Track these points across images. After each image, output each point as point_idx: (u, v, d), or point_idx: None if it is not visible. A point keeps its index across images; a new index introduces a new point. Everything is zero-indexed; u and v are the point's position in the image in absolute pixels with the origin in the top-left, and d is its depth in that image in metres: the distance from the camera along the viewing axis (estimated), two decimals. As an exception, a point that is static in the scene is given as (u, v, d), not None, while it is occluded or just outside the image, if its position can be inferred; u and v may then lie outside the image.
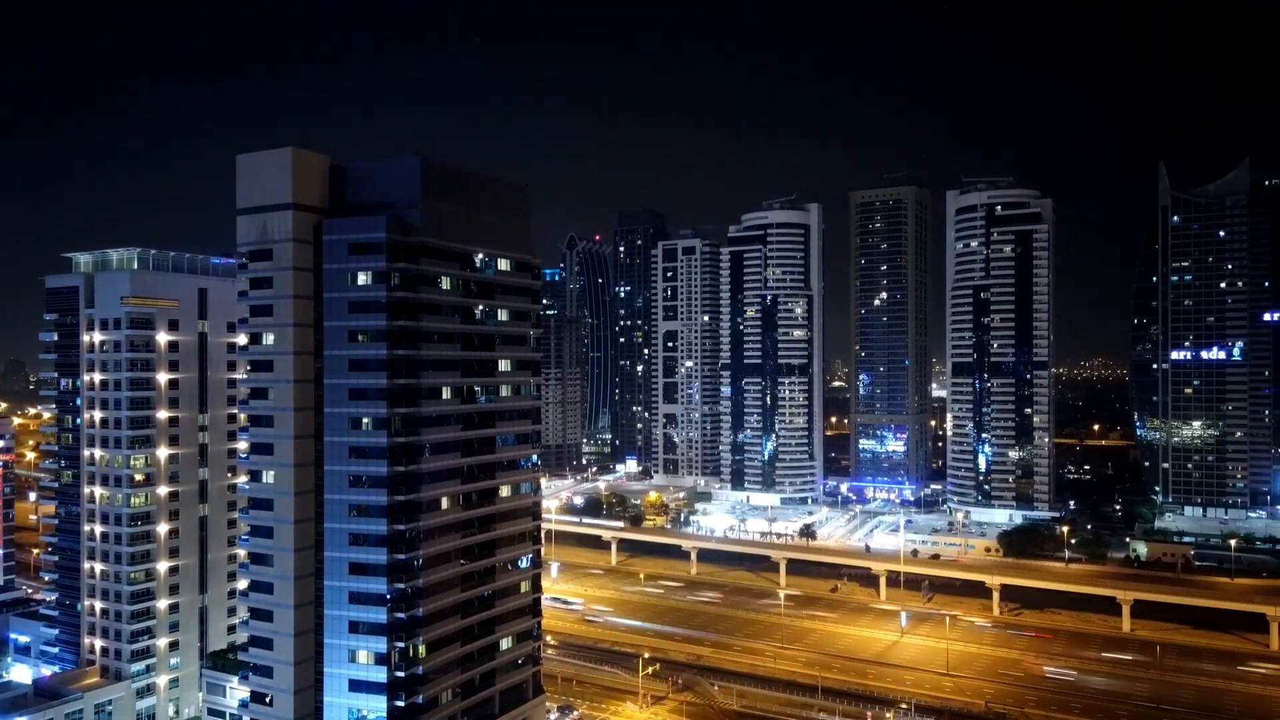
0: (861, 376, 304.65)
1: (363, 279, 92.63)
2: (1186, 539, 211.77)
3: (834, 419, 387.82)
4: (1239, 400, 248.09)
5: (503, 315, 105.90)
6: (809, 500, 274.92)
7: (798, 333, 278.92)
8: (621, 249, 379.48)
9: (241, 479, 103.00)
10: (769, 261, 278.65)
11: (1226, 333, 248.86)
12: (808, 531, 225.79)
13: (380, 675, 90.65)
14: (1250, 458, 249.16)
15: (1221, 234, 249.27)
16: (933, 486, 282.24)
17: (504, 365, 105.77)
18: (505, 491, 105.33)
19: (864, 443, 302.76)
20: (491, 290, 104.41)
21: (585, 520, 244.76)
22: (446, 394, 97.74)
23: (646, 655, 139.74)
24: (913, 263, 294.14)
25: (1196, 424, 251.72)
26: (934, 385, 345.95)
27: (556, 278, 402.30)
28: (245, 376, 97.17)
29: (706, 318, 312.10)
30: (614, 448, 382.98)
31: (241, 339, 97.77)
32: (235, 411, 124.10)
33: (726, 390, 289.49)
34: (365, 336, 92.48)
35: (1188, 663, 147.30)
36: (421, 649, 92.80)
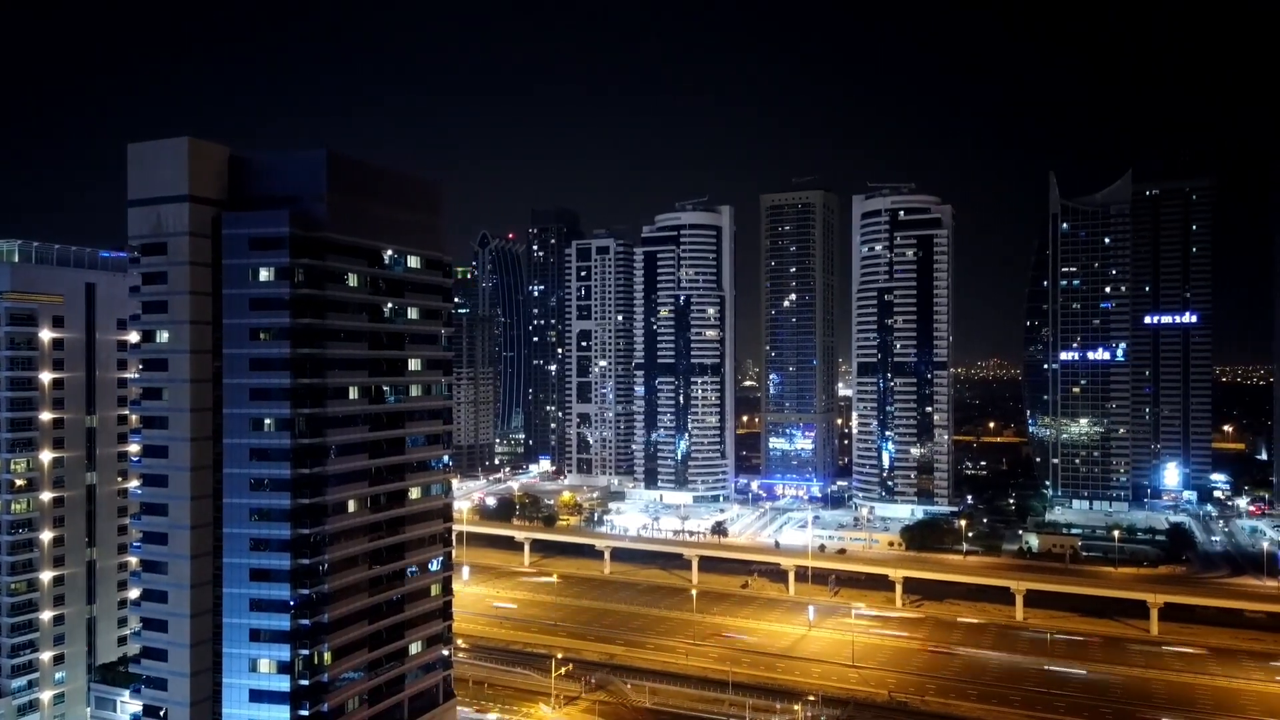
0: (772, 376, 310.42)
1: (265, 275, 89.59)
2: (1074, 531, 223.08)
3: (745, 418, 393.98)
4: (1122, 399, 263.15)
5: (413, 313, 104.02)
6: (721, 498, 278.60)
7: (710, 333, 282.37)
8: (535, 247, 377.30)
9: (133, 483, 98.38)
10: (682, 262, 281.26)
11: (1111, 335, 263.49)
12: (719, 529, 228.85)
13: (283, 684, 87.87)
14: (1132, 453, 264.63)
15: (1106, 241, 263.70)
16: (840, 483, 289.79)
17: (414, 364, 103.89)
18: (415, 493, 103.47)
19: (774, 441, 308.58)
20: (401, 288, 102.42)
21: (498, 521, 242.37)
22: (354, 394, 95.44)
23: (559, 656, 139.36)
24: (820, 265, 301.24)
25: (1083, 421, 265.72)
26: (841, 385, 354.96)
27: (469, 276, 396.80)
28: (137, 376, 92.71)
29: (620, 317, 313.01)
30: (527, 448, 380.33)
31: (133, 336, 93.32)
32: (126, 413, 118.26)
33: (640, 390, 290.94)
34: (267, 335, 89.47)
35: (1076, 648, 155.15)
36: (327, 656, 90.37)
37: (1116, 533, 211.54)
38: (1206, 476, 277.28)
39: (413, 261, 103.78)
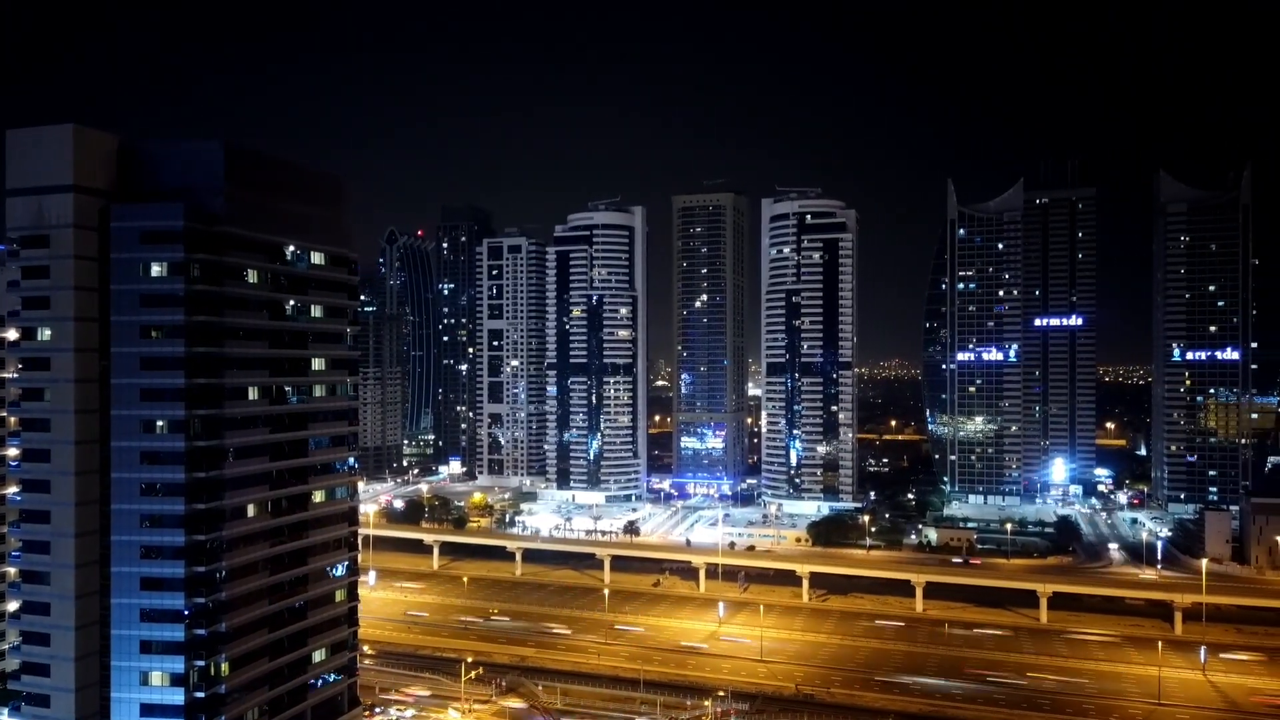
0: (684, 376, 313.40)
1: (157, 270, 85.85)
2: (970, 524, 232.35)
3: (658, 417, 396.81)
4: (1014, 398, 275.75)
5: (316, 311, 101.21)
6: (633, 497, 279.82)
7: (623, 333, 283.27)
8: (445, 245, 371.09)
9: (11, 489, 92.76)
10: (595, 262, 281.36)
11: (1004, 337, 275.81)
12: (632, 528, 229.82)
13: (177, 697, 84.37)
14: (1023, 450, 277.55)
15: (1000, 246, 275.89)
16: (749, 481, 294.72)
17: (318, 364, 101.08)
18: (319, 496, 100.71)
19: (686, 440, 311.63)
20: (304, 285, 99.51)
21: (406, 525, 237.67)
22: (253, 394, 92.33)
23: (469, 660, 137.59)
24: (731, 266, 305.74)
25: (978, 419, 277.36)
26: (751, 384, 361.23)
27: (376, 273, 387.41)
28: (16, 376, 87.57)
29: (533, 317, 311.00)
30: (437, 449, 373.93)
31: (12, 334, 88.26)
32: (4, 415, 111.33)
33: (552, 390, 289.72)
34: (160, 333, 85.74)
35: (972, 637, 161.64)
36: (224, 667, 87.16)
37: (1009, 526, 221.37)
38: (1091, 471, 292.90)
39: (316, 258, 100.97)
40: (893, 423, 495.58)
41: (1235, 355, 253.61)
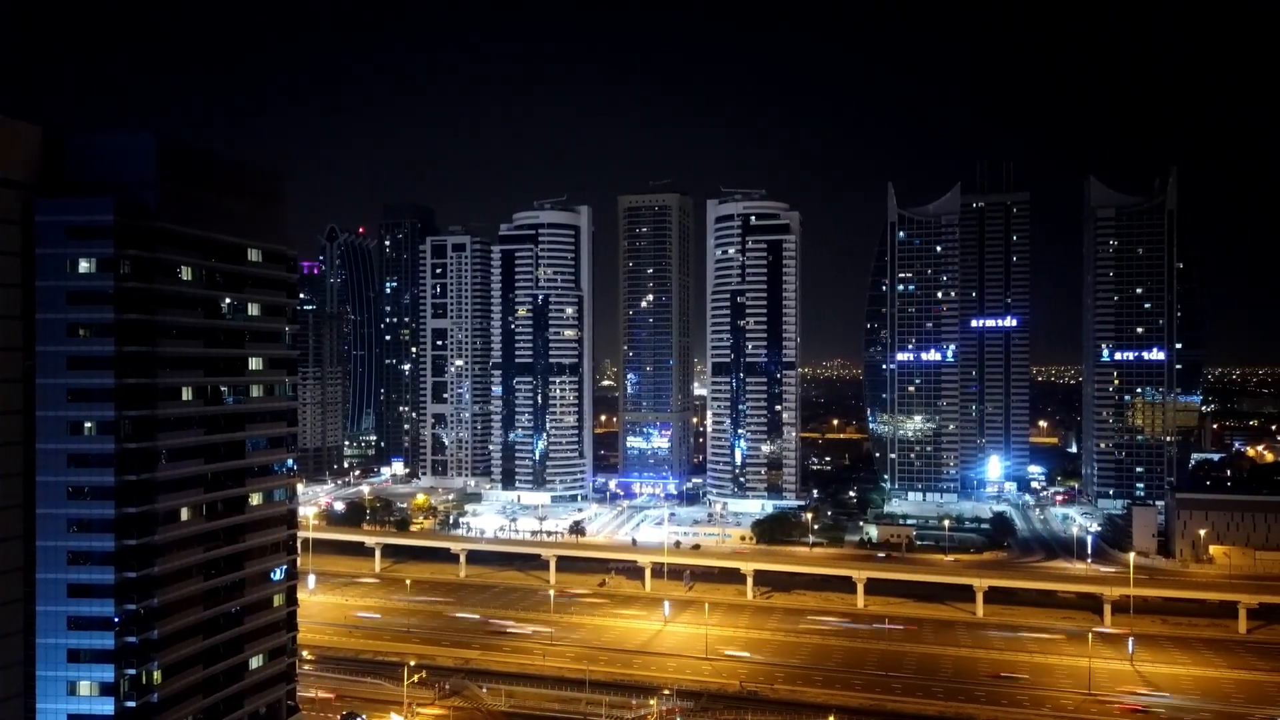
0: (629, 376, 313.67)
1: (85, 266, 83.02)
2: (910, 521, 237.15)
3: (603, 417, 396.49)
4: (952, 397, 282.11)
5: (254, 310, 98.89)
6: (579, 497, 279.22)
7: (569, 332, 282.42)
8: (388, 243, 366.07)
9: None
10: (540, 261, 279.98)
11: (942, 337, 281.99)
12: (577, 528, 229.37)
13: (107, 707, 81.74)
14: (960, 448, 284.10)
15: (938, 249, 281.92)
16: (695, 480, 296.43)
17: (255, 363, 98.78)
18: (256, 499, 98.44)
19: (632, 440, 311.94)
20: (241, 283, 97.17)
21: (347, 527, 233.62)
22: (188, 395, 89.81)
23: (412, 663, 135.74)
24: (677, 267, 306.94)
25: (917, 418, 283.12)
26: (696, 384, 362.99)
27: (315, 271, 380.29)
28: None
29: (477, 316, 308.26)
30: (379, 450, 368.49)
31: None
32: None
33: (497, 390, 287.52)
34: (88, 331, 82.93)
35: (911, 632, 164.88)
36: (156, 675, 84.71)
37: (947, 522, 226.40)
38: (1025, 468, 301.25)
39: (253, 254, 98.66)
40: (835, 422, 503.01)
41: (1161, 356, 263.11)
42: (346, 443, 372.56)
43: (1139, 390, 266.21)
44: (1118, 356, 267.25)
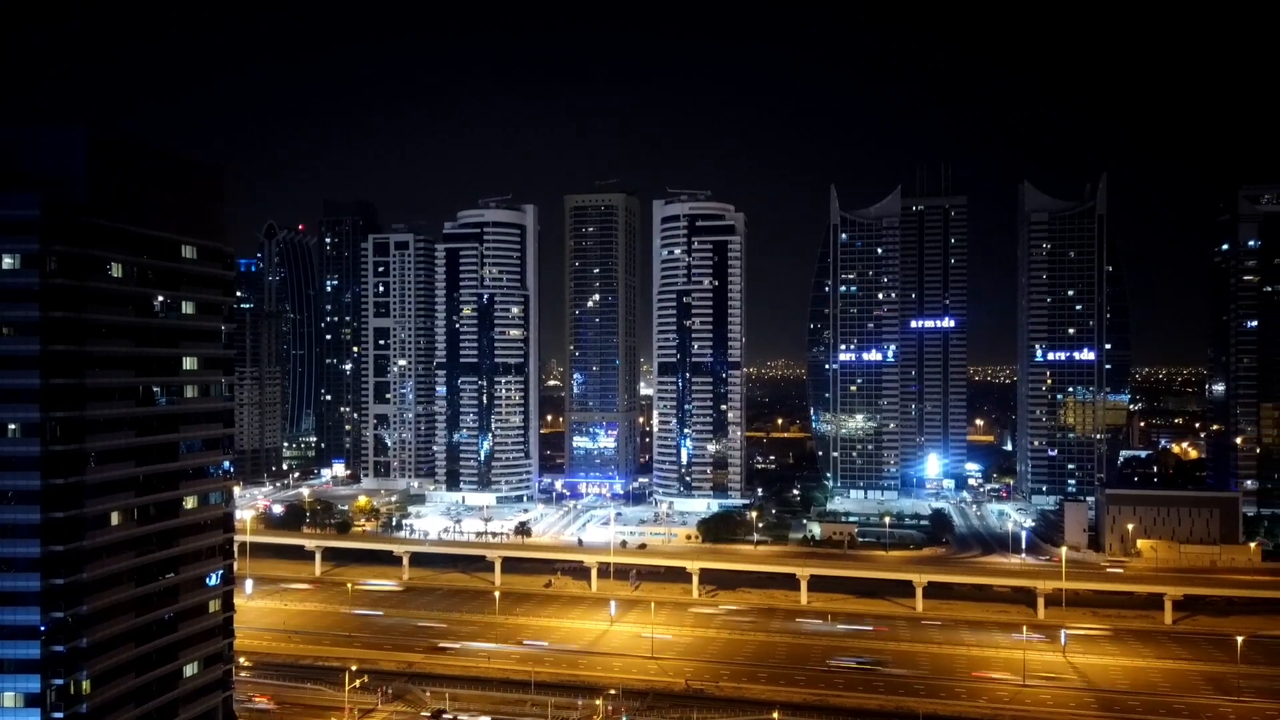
0: (576, 375, 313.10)
1: (9, 263, 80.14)
2: (852, 519, 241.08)
3: (549, 417, 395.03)
4: (892, 396, 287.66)
5: (188, 308, 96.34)
6: (525, 498, 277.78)
7: (514, 332, 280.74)
8: (328, 241, 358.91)
9: None
10: (485, 260, 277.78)
11: (883, 337, 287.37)
12: (523, 529, 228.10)
13: (33, 719, 78.70)
14: (900, 446, 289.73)
15: (879, 251, 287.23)
16: (641, 480, 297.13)
17: (189, 363, 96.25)
18: (190, 503, 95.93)
19: (578, 440, 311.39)
20: (175, 280, 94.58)
21: (286, 530, 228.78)
22: (118, 396, 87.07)
23: (354, 668, 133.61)
24: (623, 267, 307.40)
25: (859, 417, 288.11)
26: (642, 384, 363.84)
27: (253, 268, 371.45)
28: None
29: (421, 315, 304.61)
30: (319, 451, 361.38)
31: None
32: None
33: (442, 390, 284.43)
34: (12, 330, 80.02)
35: (854, 627, 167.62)
36: (85, 685, 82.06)
37: (887, 519, 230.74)
38: (962, 466, 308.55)
39: (188, 251, 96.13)
40: (779, 421, 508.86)
41: (1091, 356, 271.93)
42: (285, 444, 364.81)
43: (1070, 389, 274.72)
44: (1050, 357, 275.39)
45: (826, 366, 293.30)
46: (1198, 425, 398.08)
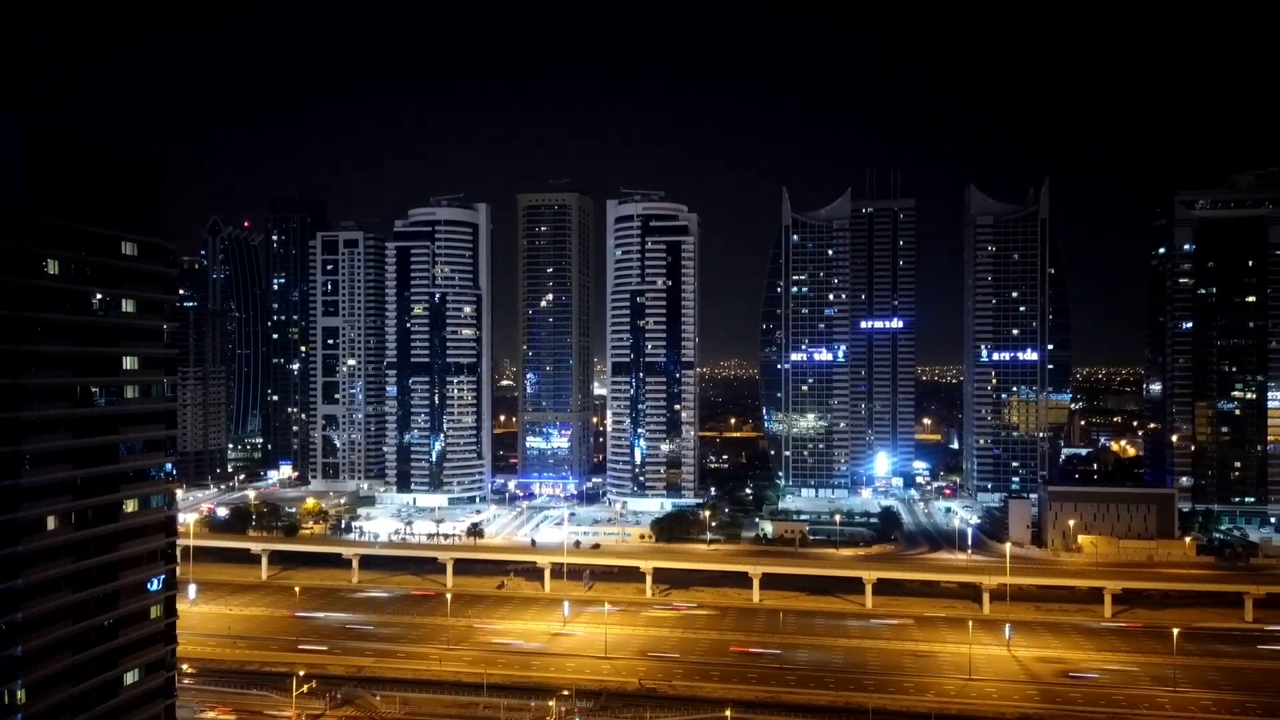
0: (529, 375, 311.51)
1: (-62, 258, 76.92)
2: (803, 517, 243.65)
3: (502, 417, 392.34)
4: (842, 396, 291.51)
5: (129, 306, 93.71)
6: (478, 499, 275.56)
7: (467, 331, 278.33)
8: (275, 238, 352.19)
9: None
10: (437, 259, 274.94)
11: (833, 338, 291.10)
12: (475, 530, 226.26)
13: (-39, 733, 75.90)
14: (850, 445, 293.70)
15: (830, 252, 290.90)
16: (595, 480, 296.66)
17: (130, 363, 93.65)
18: (131, 506, 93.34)
19: (531, 440, 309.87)
20: (115, 278, 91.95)
21: (231, 534, 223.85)
22: (56, 396, 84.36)
23: (301, 672, 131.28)
24: (577, 266, 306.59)
25: (810, 416, 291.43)
26: (596, 384, 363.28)
27: (197, 266, 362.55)
28: None
29: (371, 314, 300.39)
30: (266, 453, 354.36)
31: None
32: None
33: (392, 390, 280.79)
34: (-59, 328, 76.86)
35: (805, 624, 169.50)
36: (20, 694, 79.34)
37: (838, 517, 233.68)
38: (910, 464, 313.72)
39: (129, 248, 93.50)
40: (732, 420, 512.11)
41: (1034, 356, 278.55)
42: (231, 446, 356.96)
43: (1014, 389, 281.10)
44: (995, 357, 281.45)
45: (779, 366, 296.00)
46: (1135, 424, 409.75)
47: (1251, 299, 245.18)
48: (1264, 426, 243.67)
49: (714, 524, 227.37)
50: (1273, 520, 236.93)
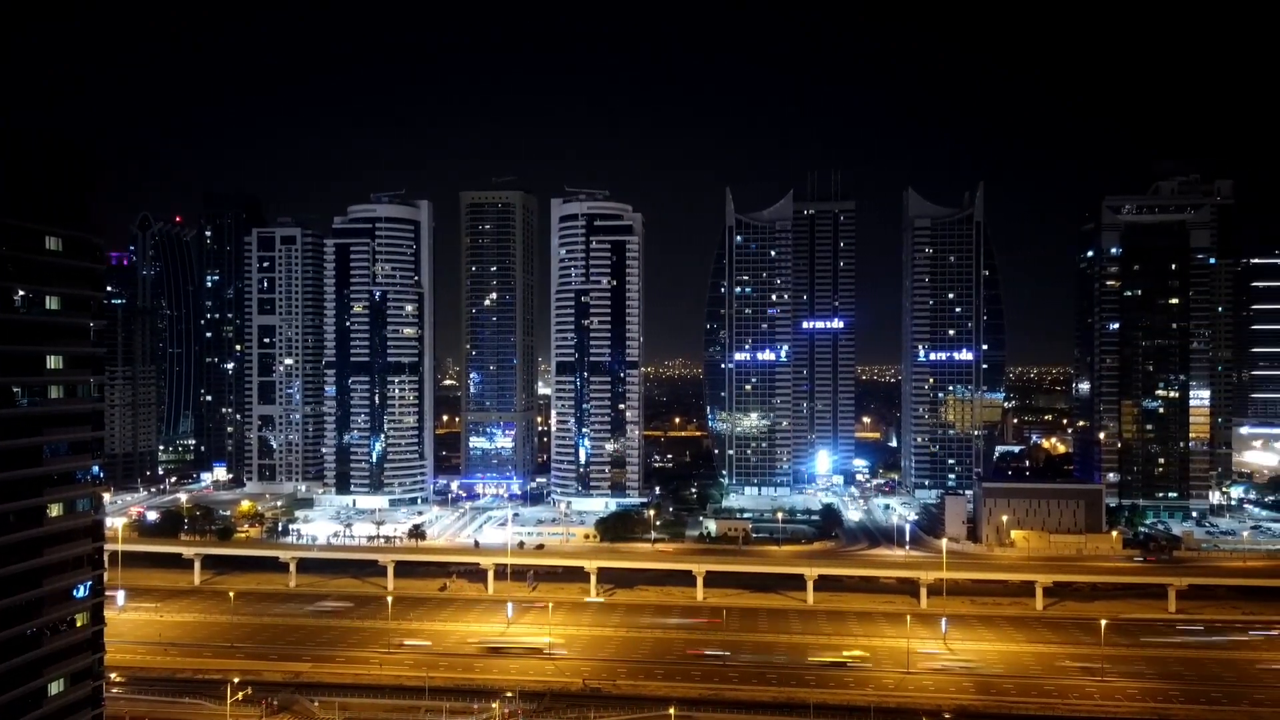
0: (472, 375, 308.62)
1: None
2: (746, 515, 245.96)
3: (445, 417, 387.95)
4: (785, 395, 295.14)
5: (53, 303, 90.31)
6: (420, 500, 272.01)
7: (408, 330, 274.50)
8: (208, 234, 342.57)
9: None
10: (378, 256, 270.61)
11: (776, 338, 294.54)
12: (417, 532, 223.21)
13: None
14: (793, 443, 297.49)
15: (773, 253, 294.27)
16: (540, 480, 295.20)
17: (54, 362, 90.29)
18: (55, 510, 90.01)
19: (474, 440, 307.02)
20: (39, 274, 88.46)
21: (162, 538, 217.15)
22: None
23: (236, 680, 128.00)
24: (521, 265, 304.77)
25: (754, 415, 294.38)
26: (540, 383, 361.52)
27: (126, 262, 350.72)
28: None
29: (309, 313, 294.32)
30: (199, 455, 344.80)
31: None
32: None
33: (331, 390, 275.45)
34: None
35: (747, 621, 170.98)
36: (-66, 710, 75.72)
37: (780, 515, 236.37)
38: (851, 462, 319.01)
39: (53, 243, 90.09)
40: (677, 420, 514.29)
41: (969, 356, 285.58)
42: (162, 447, 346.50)
43: (950, 388, 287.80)
44: (932, 357, 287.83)
45: (722, 366, 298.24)
46: (1065, 422, 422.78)
47: (1174, 301, 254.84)
48: (1186, 424, 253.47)
49: (658, 523, 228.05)
50: (1194, 514, 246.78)
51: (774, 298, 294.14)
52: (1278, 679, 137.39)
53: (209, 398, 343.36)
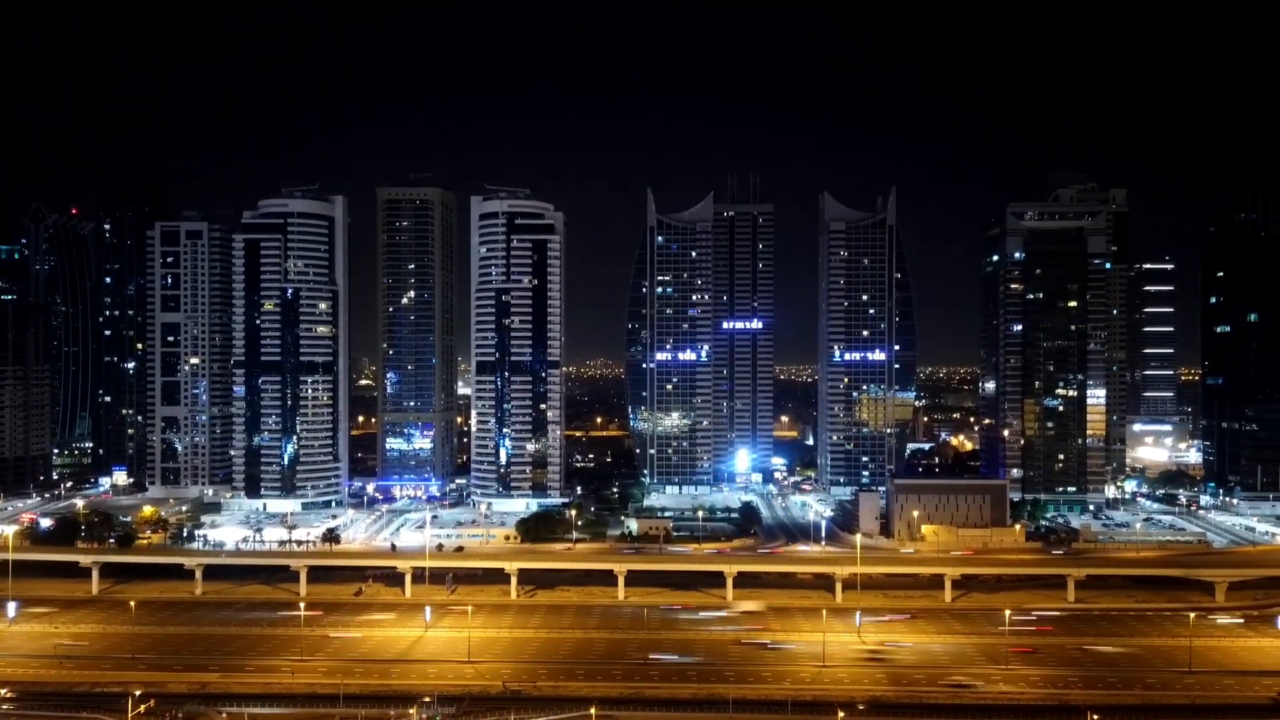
0: (390, 375, 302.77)
1: None
2: (667, 514, 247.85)
3: (361, 418, 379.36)
4: (705, 395, 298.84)
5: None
6: (334, 503, 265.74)
7: (322, 329, 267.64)
8: (108, 227, 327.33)
9: None
10: (290, 253, 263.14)
11: (697, 338, 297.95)
12: (332, 536, 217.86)
13: None
14: (713, 442, 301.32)
15: (693, 254, 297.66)
16: (459, 481, 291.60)
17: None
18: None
19: (391, 441, 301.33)
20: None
21: (57, 546, 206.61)
22: None
23: (138, 692, 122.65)
24: (440, 263, 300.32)
25: (675, 415, 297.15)
26: (460, 383, 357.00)
27: (16, 256, 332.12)
28: None
29: (216, 310, 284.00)
30: (97, 458, 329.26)
31: None
32: None
33: (240, 390, 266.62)
34: None
35: (669, 619, 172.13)
36: None
37: (701, 513, 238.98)
38: (769, 460, 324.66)
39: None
40: (598, 419, 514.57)
41: (882, 356, 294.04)
42: (56, 451, 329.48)
43: (864, 387, 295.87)
44: (846, 357, 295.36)
45: (644, 366, 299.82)
46: (973, 420, 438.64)
47: (1073, 304, 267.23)
48: (1084, 422, 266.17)
49: (580, 523, 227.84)
50: (1091, 508, 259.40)
51: (695, 298, 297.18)
52: (1167, 663, 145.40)
53: (108, 398, 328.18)
